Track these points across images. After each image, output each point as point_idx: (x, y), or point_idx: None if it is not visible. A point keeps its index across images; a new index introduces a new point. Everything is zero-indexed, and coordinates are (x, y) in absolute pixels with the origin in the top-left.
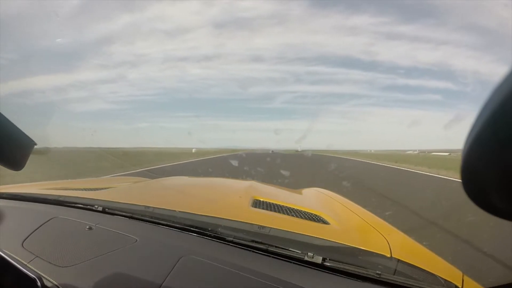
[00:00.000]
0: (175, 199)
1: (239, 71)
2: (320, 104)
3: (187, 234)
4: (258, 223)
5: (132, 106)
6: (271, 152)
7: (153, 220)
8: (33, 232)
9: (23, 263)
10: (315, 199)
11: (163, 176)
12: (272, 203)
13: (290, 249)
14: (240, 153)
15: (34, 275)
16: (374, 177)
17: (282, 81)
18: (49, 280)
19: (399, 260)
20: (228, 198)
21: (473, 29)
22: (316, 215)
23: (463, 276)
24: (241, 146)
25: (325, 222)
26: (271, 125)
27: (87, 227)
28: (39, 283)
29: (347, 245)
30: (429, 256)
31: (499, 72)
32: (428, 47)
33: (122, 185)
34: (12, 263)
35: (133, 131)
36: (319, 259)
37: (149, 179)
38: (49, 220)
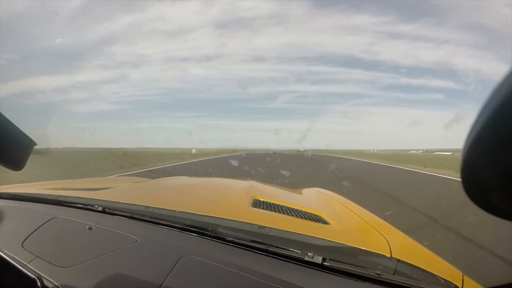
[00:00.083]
0: (175, 199)
1: (240, 71)
2: (321, 104)
3: (187, 234)
4: (258, 223)
5: (133, 107)
6: (272, 153)
7: (153, 220)
8: (33, 232)
9: (23, 263)
10: (315, 199)
11: (163, 176)
12: (272, 203)
13: (290, 249)
14: (240, 153)
15: (34, 275)
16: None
17: (283, 81)
18: (49, 280)
19: (399, 260)
20: (228, 198)
21: (474, 28)
22: (316, 215)
23: (463, 276)
24: (242, 146)
25: (325, 222)
26: (272, 125)
27: (87, 227)
28: (39, 283)
29: (347, 245)
30: (429, 256)
31: (500, 71)
32: (429, 46)
33: (122, 185)
34: (12, 263)
35: (134, 131)
36: (319, 259)
37: (149, 179)
38: (49, 220)
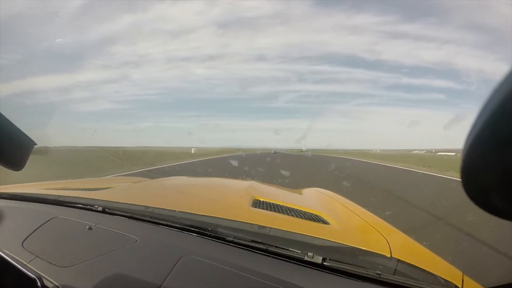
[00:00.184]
0: (175, 199)
1: (242, 70)
2: (323, 104)
3: (187, 234)
4: (258, 223)
5: (135, 106)
6: (273, 152)
7: (153, 220)
8: (33, 232)
9: (23, 263)
10: (315, 199)
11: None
12: (272, 203)
13: (290, 249)
14: (240, 153)
15: (34, 275)
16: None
17: (285, 80)
18: (49, 280)
19: (399, 260)
20: (228, 198)
21: (477, 28)
22: (316, 215)
23: (463, 276)
24: (243, 146)
25: (325, 222)
26: (274, 124)
27: (87, 227)
28: (39, 283)
29: (347, 245)
30: (429, 256)
31: (503, 71)
32: (431, 46)
33: (122, 185)
34: (12, 263)
35: (136, 130)
36: (319, 259)
37: (149, 179)
38: (49, 220)
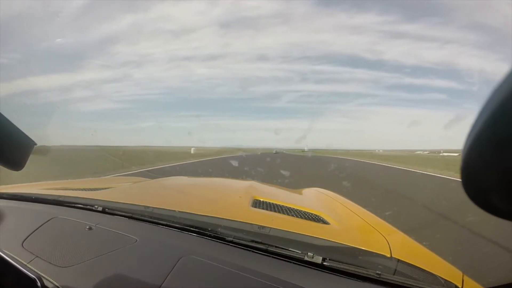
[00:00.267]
0: (175, 199)
1: (244, 70)
2: (325, 103)
3: (187, 234)
4: (258, 223)
5: (136, 106)
6: (274, 153)
7: (153, 220)
8: (33, 232)
9: (23, 263)
10: (315, 199)
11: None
12: (272, 203)
13: (290, 249)
14: (240, 153)
15: (34, 275)
16: None
17: (287, 80)
18: (49, 281)
19: (399, 260)
20: (228, 198)
21: (478, 27)
22: (316, 215)
23: (463, 276)
24: (245, 146)
25: (325, 222)
26: (275, 124)
27: (87, 227)
28: (39, 283)
29: (347, 245)
30: (429, 256)
31: (505, 71)
32: (433, 46)
33: (122, 185)
34: (12, 263)
35: (136, 130)
36: (319, 259)
37: (149, 179)
38: (49, 220)
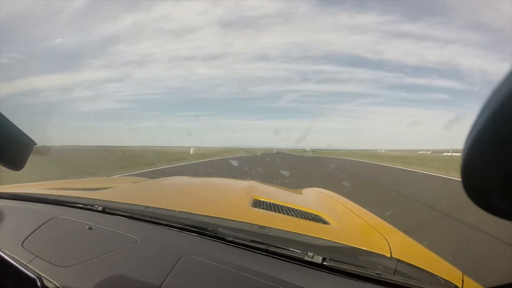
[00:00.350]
0: (175, 199)
1: (245, 70)
2: (326, 103)
3: (187, 234)
4: (258, 223)
5: (137, 105)
6: (275, 153)
7: (153, 220)
8: (33, 232)
9: (23, 263)
10: (315, 199)
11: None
12: (272, 203)
13: (290, 249)
14: (240, 154)
15: (34, 275)
16: None
17: (288, 80)
18: (49, 280)
19: (399, 260)
20: (228, 198)
21: (480, 27)
22: (316, 215)
23: (463, 276)
24: (245, 146)
25: (325, 222)
26: (276, 124)
27: (87, 227)
28: (39, 283)
29: (347, 245)
30: (429, 256)
31: (506, 71)
32: (434, 45)
33: (122, 185)
34: (12, 263)
35: (137, 130)
36: (319, 259)
37: (149, 179)
38: (49, 220)
